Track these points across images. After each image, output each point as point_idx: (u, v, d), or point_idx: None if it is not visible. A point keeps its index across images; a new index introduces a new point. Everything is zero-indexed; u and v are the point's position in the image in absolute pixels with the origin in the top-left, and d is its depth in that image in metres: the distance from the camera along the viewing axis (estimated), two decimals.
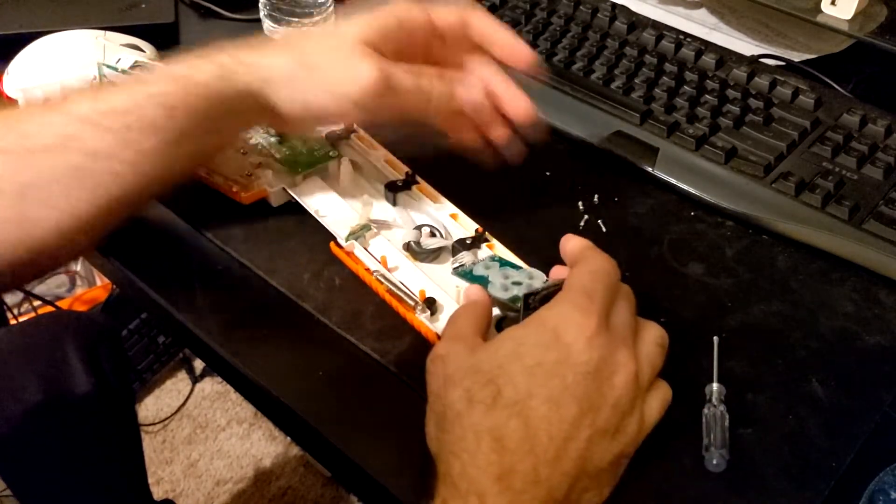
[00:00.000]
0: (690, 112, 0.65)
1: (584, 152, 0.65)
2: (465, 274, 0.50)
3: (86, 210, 0.46)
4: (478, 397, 0.39)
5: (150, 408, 1.44)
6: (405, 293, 0.50)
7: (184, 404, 1.46)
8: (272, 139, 0.60)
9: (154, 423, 1.42)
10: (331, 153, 0.59)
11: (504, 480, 0.37)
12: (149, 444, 1.38)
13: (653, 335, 0.43)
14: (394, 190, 0.57)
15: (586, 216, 0.59)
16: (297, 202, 0.56)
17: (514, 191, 0.61)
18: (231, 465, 1.38)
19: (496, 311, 0.48)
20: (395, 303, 0.51)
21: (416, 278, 0.52)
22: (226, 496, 1.34)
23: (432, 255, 0.54)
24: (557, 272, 0.48)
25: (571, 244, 0.47)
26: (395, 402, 0.47)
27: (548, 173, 0.63)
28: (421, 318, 0.49)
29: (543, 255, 0.54)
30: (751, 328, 0.52)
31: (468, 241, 0.54)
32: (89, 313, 1.34)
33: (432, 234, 0.55)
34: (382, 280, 0.51)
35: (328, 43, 0.50)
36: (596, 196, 0.61)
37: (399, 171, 0.59)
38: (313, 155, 0.59)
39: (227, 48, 0.50)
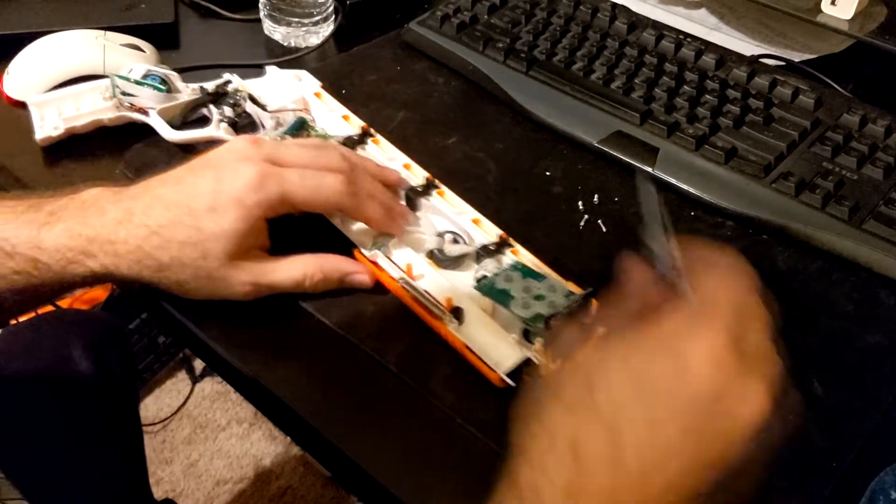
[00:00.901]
0: (690, 112, 0.65)
1: (584, 152, 0.65)
2: (487, 288, 0.49)
3: None
4: (565, 395, 0.35)
5: (150, 408, 1.44)
6: (432, 302, 0.49)
7: (184, 404, 1.46)
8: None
9: (154, 423, 1.42)
10: None
11: (573, 497, 0.33)
12: (149, 444, 1.38)
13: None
14: (414, 195, 0.57)
15: (586, 216, 0.59)
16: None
17: (514, 191, 0.61)
18: (231, 465, 1.38)
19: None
20: (422, 312, 0.50)
21: (440, 286, 0.51)
22: (226, 496, 1.34)
23: (455, 263, 0.53)
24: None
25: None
26: (395, 402, 0.47)
27: (548, 173, 0.63)
28: (449, 328, 0.48)
29: (543, 256, 0.54)
30: None
31: (492, 248, 0.53)
32: (95, 312, 1.34)
33: (455, 241, 0.54)
34: (408, 289, 0.50)
35: (193, 257, 0.48)
36: (596, 196, 0.61)
37: (418, 176, 0.59)
38: None
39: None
